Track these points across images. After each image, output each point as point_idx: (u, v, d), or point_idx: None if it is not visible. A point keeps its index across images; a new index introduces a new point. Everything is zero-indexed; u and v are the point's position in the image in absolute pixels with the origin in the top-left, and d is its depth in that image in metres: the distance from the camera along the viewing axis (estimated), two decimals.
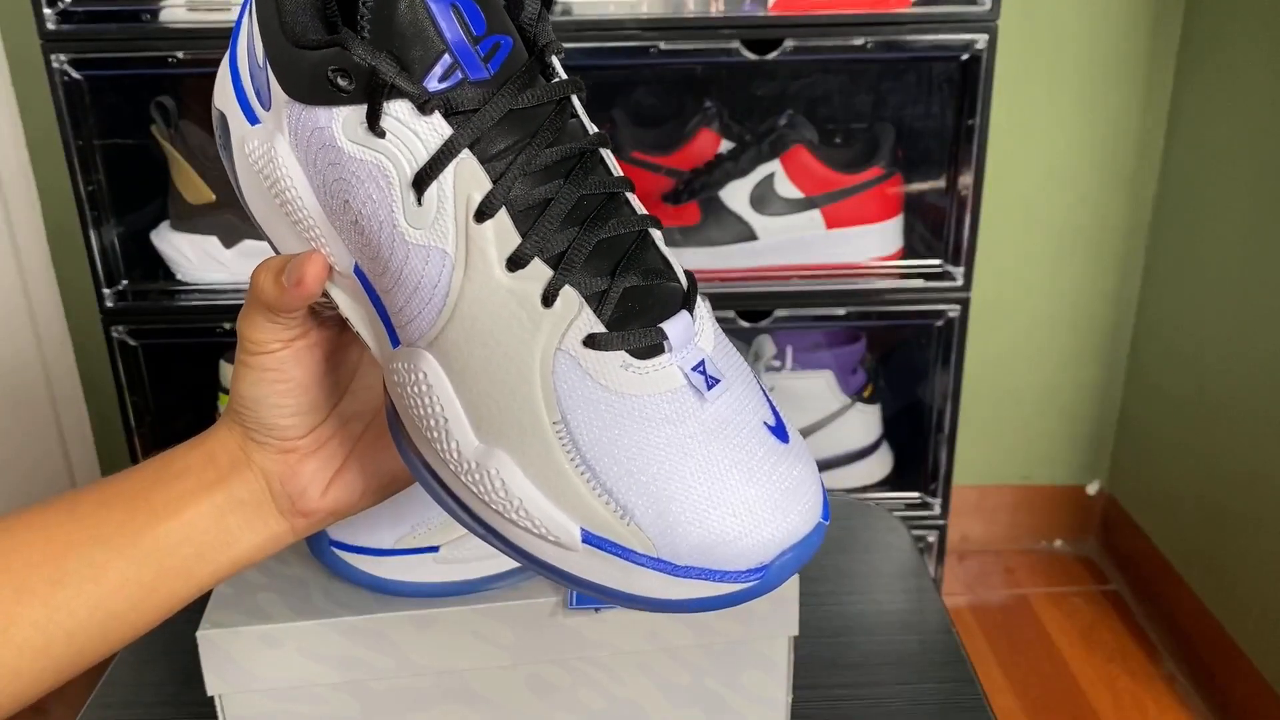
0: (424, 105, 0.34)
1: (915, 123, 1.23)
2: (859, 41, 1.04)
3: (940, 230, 1.16)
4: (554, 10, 1.03)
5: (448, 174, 0.34)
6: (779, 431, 0.36)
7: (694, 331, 0.35)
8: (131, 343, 1.13)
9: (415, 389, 0.36)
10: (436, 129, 0.34)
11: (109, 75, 1.06)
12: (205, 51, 1.03)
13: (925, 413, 1.23)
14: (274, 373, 0.40)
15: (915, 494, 1.26)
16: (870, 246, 1.15)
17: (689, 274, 0.37)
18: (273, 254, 0.40)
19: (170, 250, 1.12)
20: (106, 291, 1.11)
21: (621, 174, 0.37)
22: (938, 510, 1.25)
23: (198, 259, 1.12)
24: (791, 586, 0.52)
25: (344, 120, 0.35)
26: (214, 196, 1.10)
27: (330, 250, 0.38)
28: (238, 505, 0.41)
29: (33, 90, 1.31)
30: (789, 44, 1.04)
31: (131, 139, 1.13)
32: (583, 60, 1.05)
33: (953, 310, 1.15)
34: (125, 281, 1.12)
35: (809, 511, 0.34)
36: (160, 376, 1.17)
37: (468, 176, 0.34)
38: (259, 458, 0.42)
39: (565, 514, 0.34)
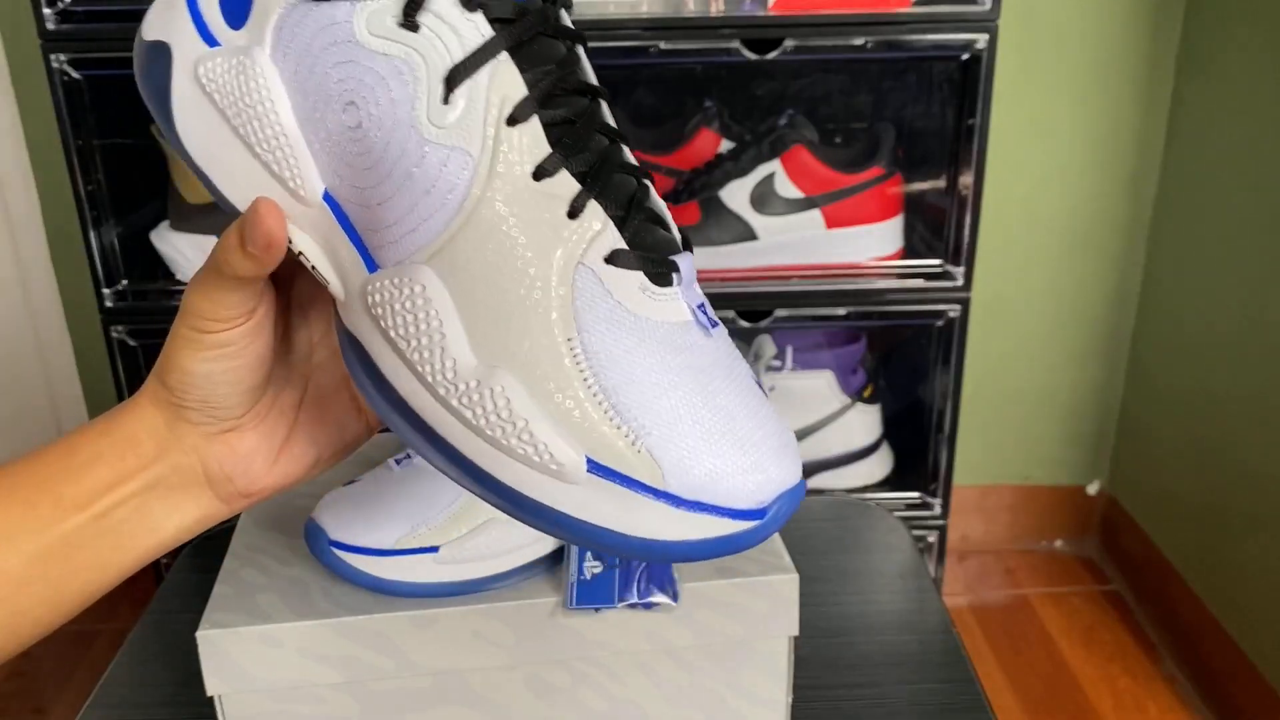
0: (469, 2, 0.33)
1: (915, 122, 1.23)
2: (859, 41, 1.04)
3: (940, 230, 1.16)
4: None
5: (483, 74, 0.33)
6: (761, 387, 0.36)
7: (693, 275, 0.36)
8: (131, 343, 1.13)
9: (407, 304, 0.34)
10: (479, 28, 0.33)
11: (109, 75, 1.06)
12: None
13: (925, 413, 1.23)
14: (234, 348, 0.38)
15: (915, 494, 1.26)
16: (870, 246, 1.15)
17: (683, 232, 0.38)
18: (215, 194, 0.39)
19: (170, 250, 1.12)
20: (106, 291, 1.11)
21: (615, 126, 0.37)
22: (938, 510, 1.25)
23: (197, 259, 1.12)
24: (791, 586, 0.52)
25: (370, 14, 0.34)
26: None
27: (298, 174, 0.36)
28: (164, 491, 0.39)
29: (33, 90, 1.31)
30: (789, 44, 1.04)
31: (131, 139, 1.13)
32: None
33: (953, 310, 1.15)
34: (125, 281, 1.12)
35: (796, 463, 0.35)
36: None
37: (504, 79, 0.33)
38: (194, 439, 0.39)
39: (572, 439, 0.33)
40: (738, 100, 1.25)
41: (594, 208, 0.34)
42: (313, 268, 0.37)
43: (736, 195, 1.13)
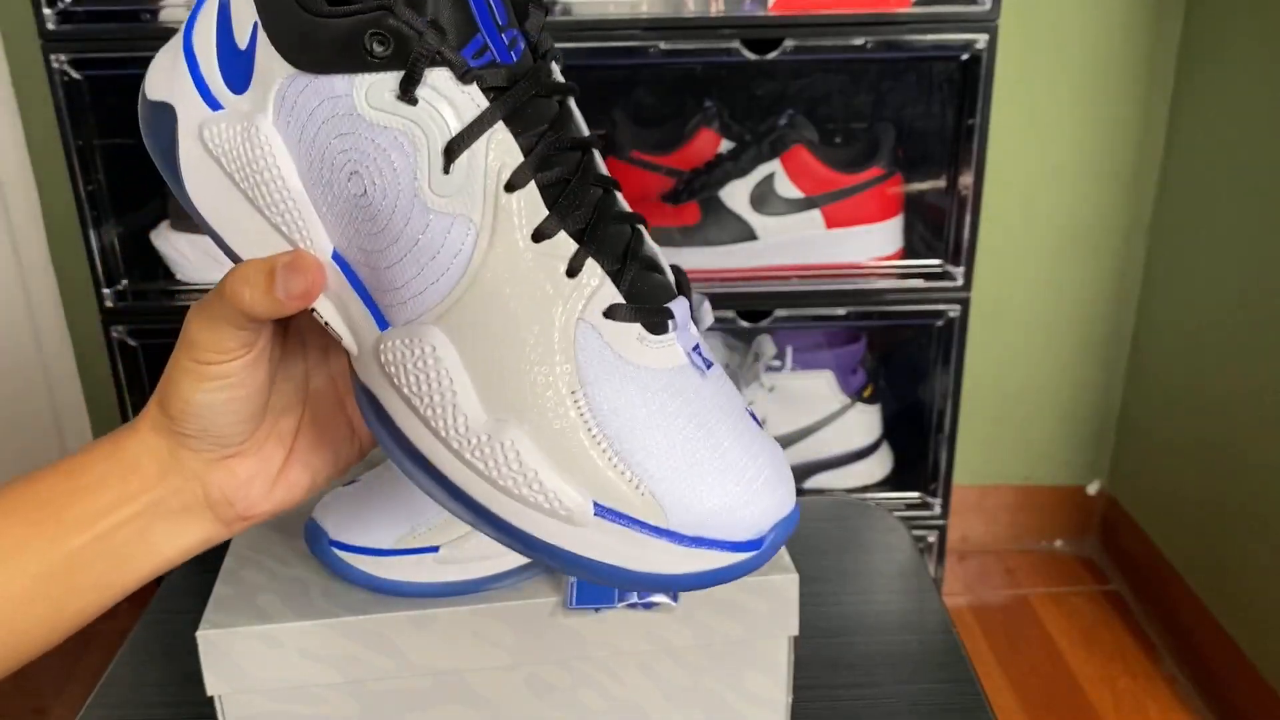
0: (465, 75, 0.34)
1: (915, 122, 1.23)
2: (859, 41, 1.04)
3: (940, 230, 1.16)
4: (554, 10, 1.03)
5: (480, 144, 0.35)
6: (754, 418, 0.38)
7: (688, 318, 0.38)
8: (131, 343, 1.13)
9: (418, 364, 0.36)
10: (474, 99, 0.35)
11: (109, 75, 1.06)
12: None
13: (925, 413, 1.23)
14: (232, 379, 0.38)
15: (915, 494, 1.26)
16: (870, 246, 1.15)
17: (675, 268, 0.39)
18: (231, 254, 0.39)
19: (170, 250, 1.12)
20: (106, 291, 1.11)
21: (608, 175, 0.39)
22: (938, 510, 1.25)
23: (197, 259, 1.12)
24: (791, 586, 0.52)
25: (368, 88, 0.35)
26: None
27: (307, 236, 0.37)
28: (166, 515, 0.40)
29: (33, 90, 1.31)
30: (789, 44, 1.04)
31: (131, 139, 1.12)
32: (583, 60, 1.05)
33: (953, 310, 1.15)
34: (125, 281, 1.12)
35: (790, 490, 0.37)
36: (159, 376, 1.17)
37: (500, 148, 0.35)
38: (195, 465, 0.40)
39: (578, 485, 0.35)
40: (738, 100, 1.25)
41: (591, 265, 0.35)
42: (326, 324, 0.38)
43: (736, 195, 1.13)
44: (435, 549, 0.50)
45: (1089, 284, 1.48)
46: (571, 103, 0.38)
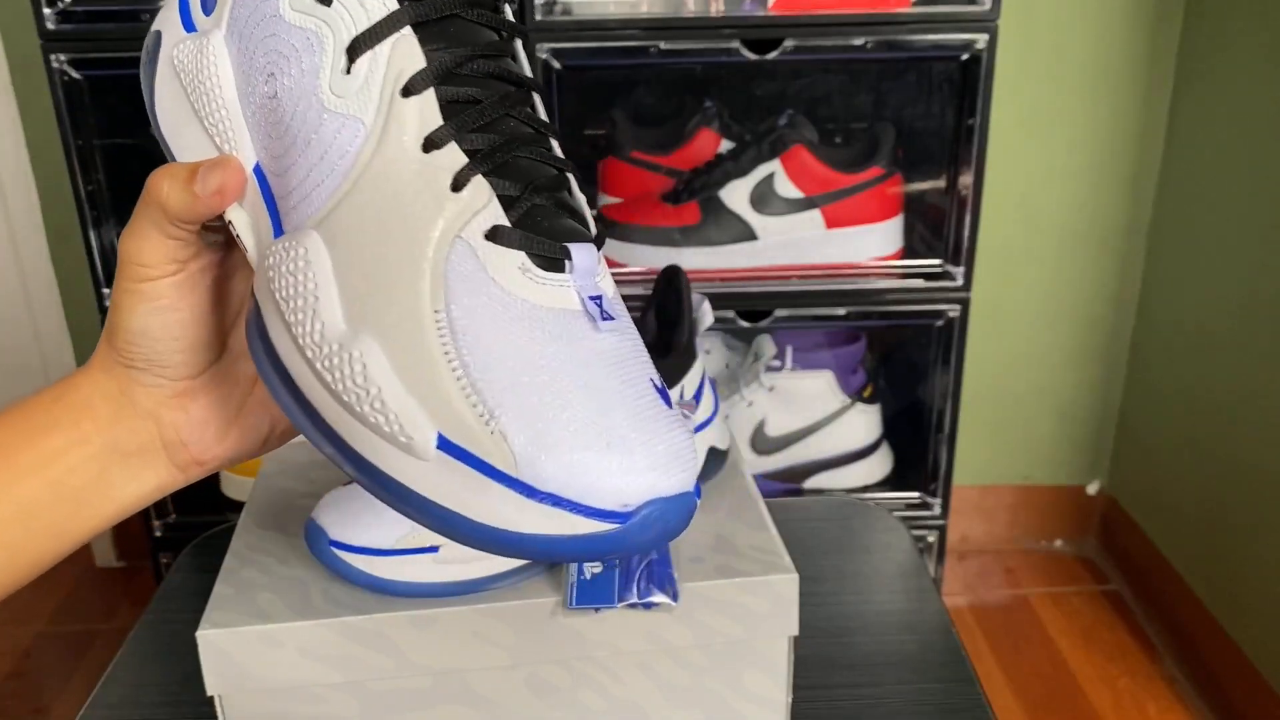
0: None
1: (915, 122, 1.23)
2: (859, 41, 1.04)
3: (940, 230, 1.16)
4: (554, 10, 1.03)
5: (384, 46, 0.34)
6: (664, 395, 0.34)
7: (597, 270, 0.35)
8: None
9: (289, 268, 0.35)
10: (385, 2, 0.34)
11: (109, 75, 1.06)
12: None
13: (925, 413, 1.24)
14: (166, 301, 0.38)
15: (915, 494, 1.26)
16: (870, 246, 1.15)
17: (599, 229, 0.37)
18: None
19: None
20: (106, 291, 1.11)
21: (547, 121, 0.38)
22: (938, 510, 1.25)
23: None
24: (791, 586, 0.52)
25: None
26: None
27: (234, 146, 0.37)
28: (121, 457, 0.40)
29: (33, 90, 1.31)
30: (789, 44, 1.04)
31: (131, 139, 1.13)
32: (583, 60, 1.05)
33: (953, 310, 1.15)
34: None
35: (684, 476, 0.32)
36: None
37: (404, 52, 0.34)
38: (148, 402, 0.40)
39: (424, 412, 0.31)
40: (738, 100, 1.25)
41: (480, 183, 0.34)
42: (237, 235, 0.38)
43: (736, 195, 1.13)
44: (435, 549, 0.50)
45: (1089, 284, 1.48)
46: (517, 44, 0.37)
